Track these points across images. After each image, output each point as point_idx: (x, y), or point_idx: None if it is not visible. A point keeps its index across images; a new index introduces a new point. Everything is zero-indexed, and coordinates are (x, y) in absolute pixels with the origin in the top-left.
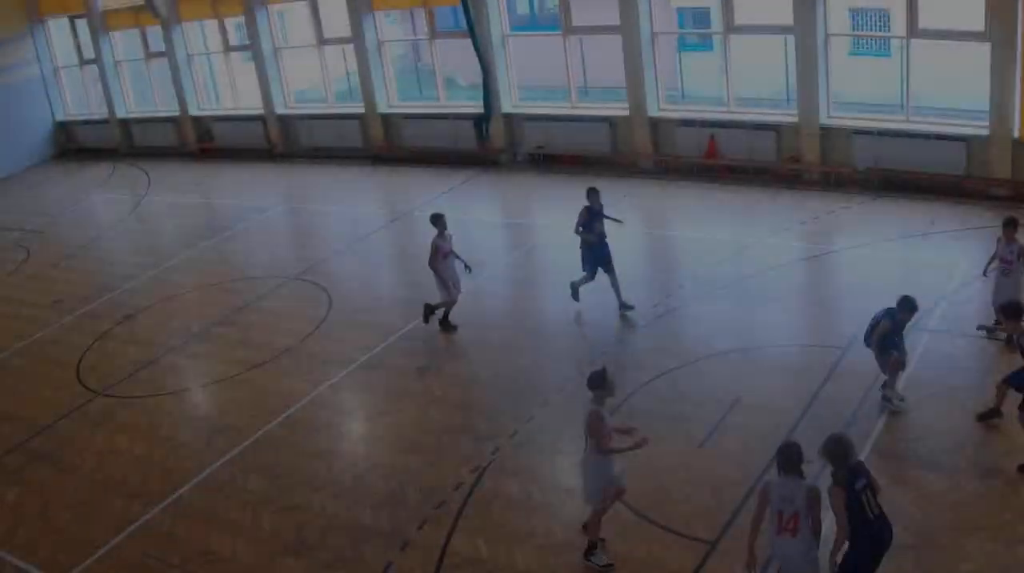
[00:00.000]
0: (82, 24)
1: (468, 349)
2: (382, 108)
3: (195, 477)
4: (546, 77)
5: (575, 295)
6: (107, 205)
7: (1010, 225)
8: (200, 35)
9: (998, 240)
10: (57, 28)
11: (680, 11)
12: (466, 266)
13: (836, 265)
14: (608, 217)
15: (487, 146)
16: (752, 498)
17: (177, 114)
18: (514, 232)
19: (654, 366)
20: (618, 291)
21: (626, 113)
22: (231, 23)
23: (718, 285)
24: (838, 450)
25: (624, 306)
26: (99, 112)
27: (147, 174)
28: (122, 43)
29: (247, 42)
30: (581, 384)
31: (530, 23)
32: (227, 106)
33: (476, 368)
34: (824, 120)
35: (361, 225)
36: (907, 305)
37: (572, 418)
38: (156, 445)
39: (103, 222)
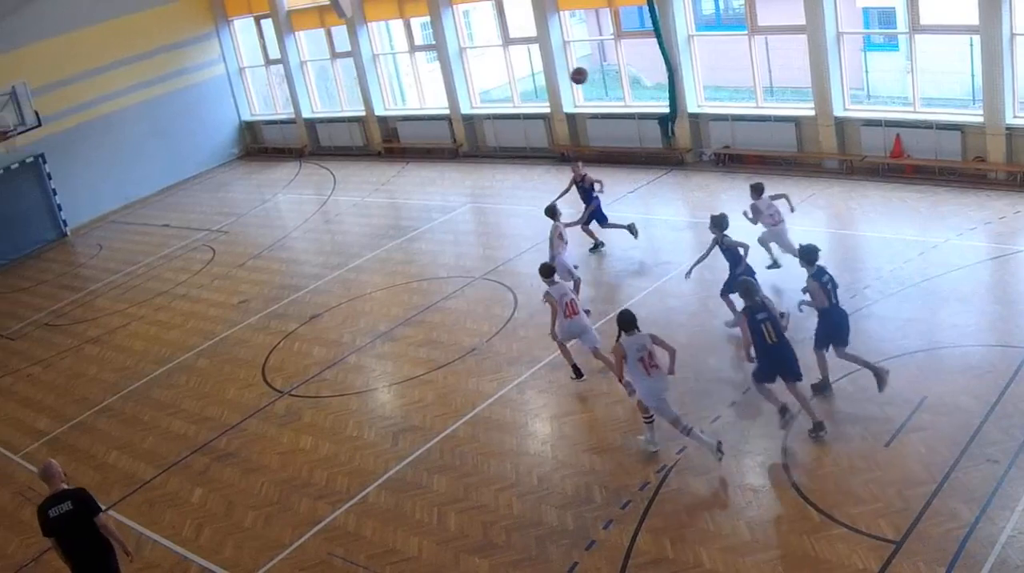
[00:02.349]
0: (267, 24)
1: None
2: (568, 108)
3: (380, 477)
4: (731, 77)
5: None
6: (292, 205)
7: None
8: (385, 35)
9: None
10: (243, 28)
11: (865, 11)
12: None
13: (1022, 265)
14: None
15: (673, 146)
16: (938, 498)
17: (363, 114)
18: (699, 232)
19: (840, 366)
20: None
21: (811, 113)
22: (416, 23)
23: (904, 285)
24: (744, 289)
25: None
26: (284, 112)
27: (332, 174)
28: (307, 43)
29: (432, 42)
30: None
31: (715, 23)
32: (412, 106)
33: None
34: (1010, 120)
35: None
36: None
37: (757, 417)
38: (341, 445)
39: (289, 222)
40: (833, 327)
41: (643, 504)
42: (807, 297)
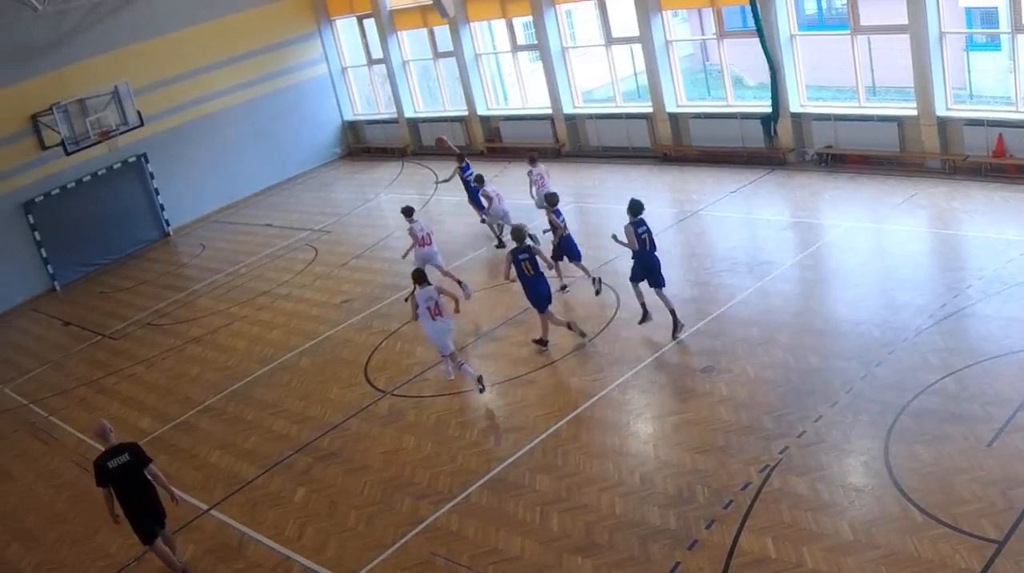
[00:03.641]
0: (370, 24)
1: (756, 349)
2: (670, 107)
3: (483, 477)
4: (834, 76)
5: None
6: (395, 205)
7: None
8: (488, 34)
9: None
10: (345, 28)
11: (968, 10)
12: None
13: None
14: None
15: (775, 146)
16: None
17: (465, 113)
18: (802, 232)
19: (942, 366)
20: None
21: (914, 112)
22: (519, 22)
23: (1006, 284)
24: (515, 234)
25: None
26: (387, 111)
27: (435, 174)
28: (409, 43)
29: (535, 41)
30: (870, 383)
31: (818, 22)
32: (515, 105)
33: (764, 368)
34: None
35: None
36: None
37: (861, 417)
38: (444, 445)
39: (391, 222)
40: (646, 270)
41: (745, 504)
42: (623, 238)
